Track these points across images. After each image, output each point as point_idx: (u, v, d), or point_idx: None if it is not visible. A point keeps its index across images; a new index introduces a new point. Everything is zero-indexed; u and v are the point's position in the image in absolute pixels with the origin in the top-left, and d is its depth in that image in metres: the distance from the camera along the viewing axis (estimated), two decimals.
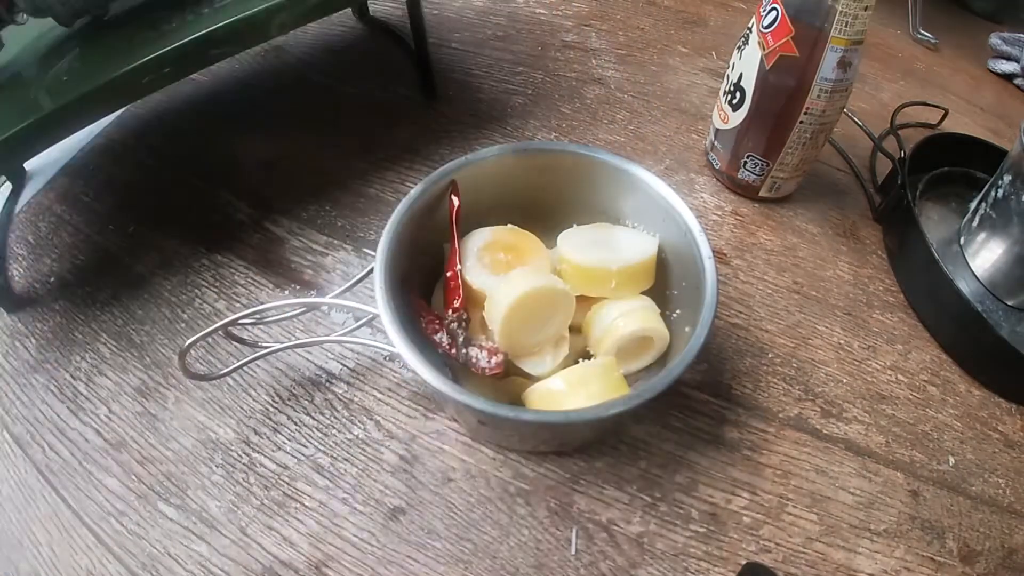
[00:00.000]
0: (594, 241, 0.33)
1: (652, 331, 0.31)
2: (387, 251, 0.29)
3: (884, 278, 0.41)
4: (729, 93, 0.41)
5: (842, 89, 0.37)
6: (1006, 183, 0.39)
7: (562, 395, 0.28)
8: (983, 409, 0.36)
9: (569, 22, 0.58)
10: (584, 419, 0.26)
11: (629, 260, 0.32)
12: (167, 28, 0.34)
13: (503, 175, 0.34)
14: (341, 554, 0.28)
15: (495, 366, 0.29)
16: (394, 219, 0.31)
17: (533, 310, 0.29)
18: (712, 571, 0.29)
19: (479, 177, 0.34)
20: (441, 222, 0.33)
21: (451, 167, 0.33)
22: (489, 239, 0.33)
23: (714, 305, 0.28)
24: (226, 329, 0.29)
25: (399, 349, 0.26)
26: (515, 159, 0.34)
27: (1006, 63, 0.62)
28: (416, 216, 0.32)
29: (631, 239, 0.33)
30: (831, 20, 0.35)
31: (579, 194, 0.35)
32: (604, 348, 0.31)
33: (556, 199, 0.35)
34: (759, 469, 0.32)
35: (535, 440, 0.32)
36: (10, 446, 0.31)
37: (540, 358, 0.31)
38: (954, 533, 0.31)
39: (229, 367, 0.32)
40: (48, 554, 0.28)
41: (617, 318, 0.31)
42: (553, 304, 0.30)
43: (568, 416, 0.26)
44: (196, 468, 0.30)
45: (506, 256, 0.33)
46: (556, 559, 0.29)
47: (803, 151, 0.40)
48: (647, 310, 0.32)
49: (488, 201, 0.34)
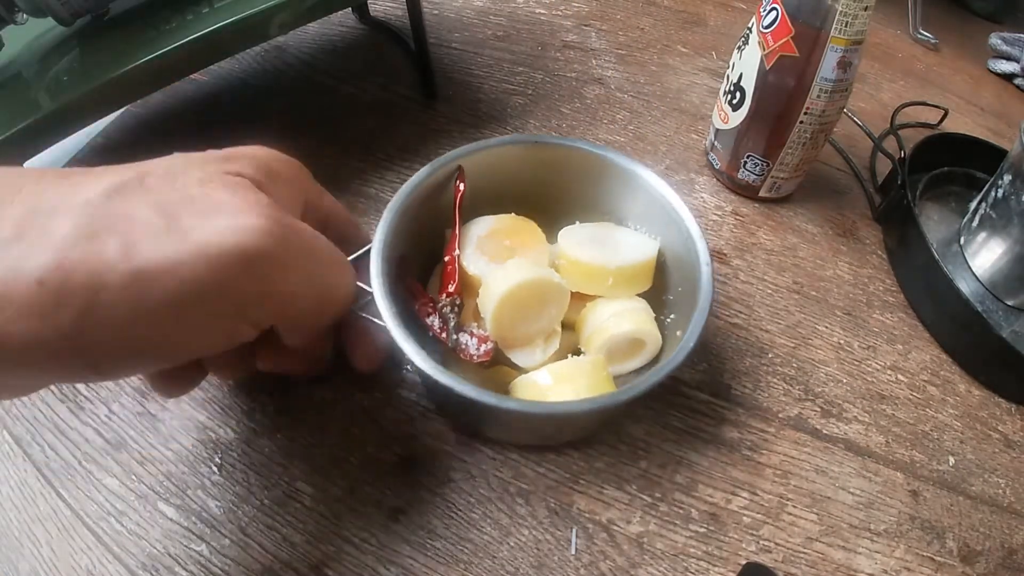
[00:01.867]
0: (594, 239, 0.33)
1: (644, 333, 0.31)
2: (387, 230, 0.29)
3: (884, 278, 0.41)
4: (729, 93, 0.41)
5: (842, 89, 0.37)
6: (1006, 183, 0.39)
7: (548, 389, 0.28)
8: (983, 409, 0.36)
9: (569, 22, 0.58)
10: (566, 412, 0.26)
11: (628, 260, 0.32)
12: (167, 28, 0.34)
13: (510, 166, 0.34)
14: (341, 554, 0.28)
15: (484, 354, 0.29)
16: (397, 199, 0.30)
17: (526, 301, 0.29)
18: (712, 571, 0.29)
19: (485, 166, 0.33)
20: (444, 208, 0.33)
21: (459, 153, 0.33)
22: (492, 227, 0.33)
23: (707, 309, 0.28)
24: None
25: (388, 325, 0.26)
26: (523, 150, 0.34)
27: (1006, 63, 0.62)
28: (420, 199, 0.31)
29: (632, 240, 0.33)
30: (831, 20, 0.35)
31: (584, 191, 0.35)
32: (595, 346, 0.31)
33: (560, 194, 0.35)
34: (759, 469, 0.32)
35: (520, 432, 0.31)
36: (10, 446, 0.31)
37: (530, 350, 0.31)
38: (954, 533, 0.31)
39: None
40: (48, 554, 0.28)
41: (610, 317, 0.31)
42: (547, 297, 0.30)
43: (551, 408, 0.26)
44: (196, 468, 0.30)
45: (507, 244, 0.32)
46: (556, 559, 0.29)
47: (803, 151, 0.40)
48: (641, 312, 0.32)
49: (492, 191, 0.34)
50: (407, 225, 0.30)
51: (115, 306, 0.18)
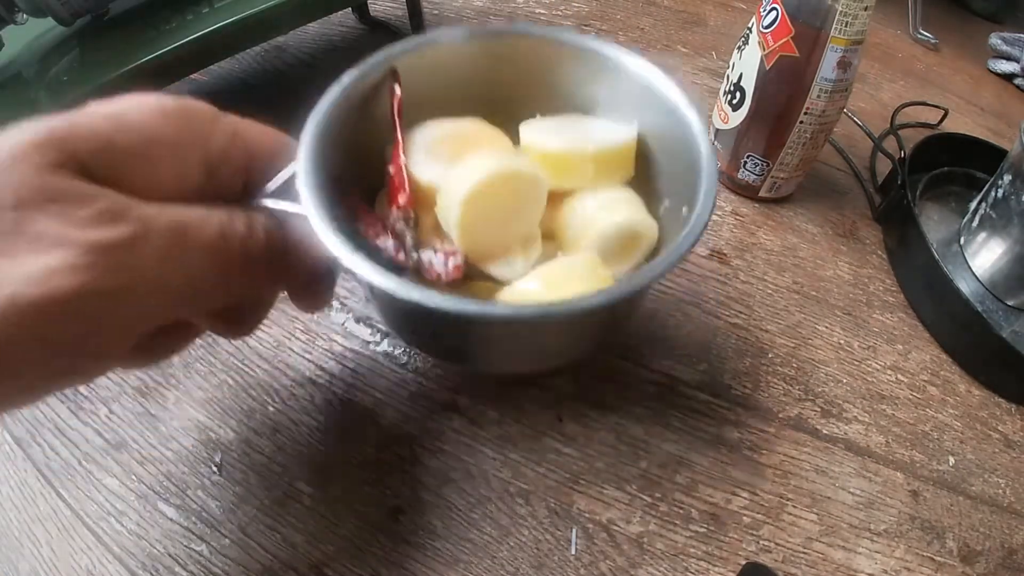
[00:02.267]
0: (562, 129, 0.29)
1: (640, 223, 0.27)
2: (313, 142, 0.24)
3: (884, 278, 0.41)
4: (729, 93, 0.41)
5: (842, 89, 0.37)
6: (1006, 183, 0.39)
7: (538, 297, 0.24)
8: (983, 409, 0.36)
9: (569, 22, 0.58)
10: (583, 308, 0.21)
11: (607, 144, 0.27)
12: (167, 28, 0.34)
13: (454, 65, 0.29)
14: (341, 554, 0.28)
15: (454, 269, 0.24)
16: (322, 106, 0.25)
17: (497, 200, 0.25)
18: (712, 571, 0.29)
19: (425, 68, 0.28)
20: (383, 122, 0.28)
21: (392, 52, 0.28)
22: (446, 131, 0.28)
23: (715, 175, 0.24)
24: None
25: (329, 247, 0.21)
26: (467, 46, 0.29)
27: (1006, 63, 0.62)
28: (352, 108, 0.26)
29: (604, 126, 0.29)
30: (831, 20, 0.35)
31: (542, 85, 0.30)
32: (584, 246, 0.26)
33: (515, 93, 0.30)
34: (759, 469, 0.32)
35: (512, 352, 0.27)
36: (10, 446, 0.31)
37: (508, 260, 0.26)
38: (954, 533, 0.31)
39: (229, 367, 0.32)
40: (48, 554, 0.28)
41: (597, 211, 0.26)
42: (521, 192, 0.25)
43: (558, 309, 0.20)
44: (196, 468, 0.30)
45: (464, 148, 0.27)
46: (556, 559, 0.29)
47: (803, 151, 0.40)
48: (631, 201, 0.27)
49: (438, 96, 0.29)
50: (339, 142, 0.25)
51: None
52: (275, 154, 0.24)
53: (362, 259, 0.21)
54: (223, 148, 0.23)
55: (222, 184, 0.23)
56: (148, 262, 0.19)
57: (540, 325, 0.23)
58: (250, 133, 0.24)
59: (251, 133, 0.24)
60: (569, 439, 0.32)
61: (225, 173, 0.23)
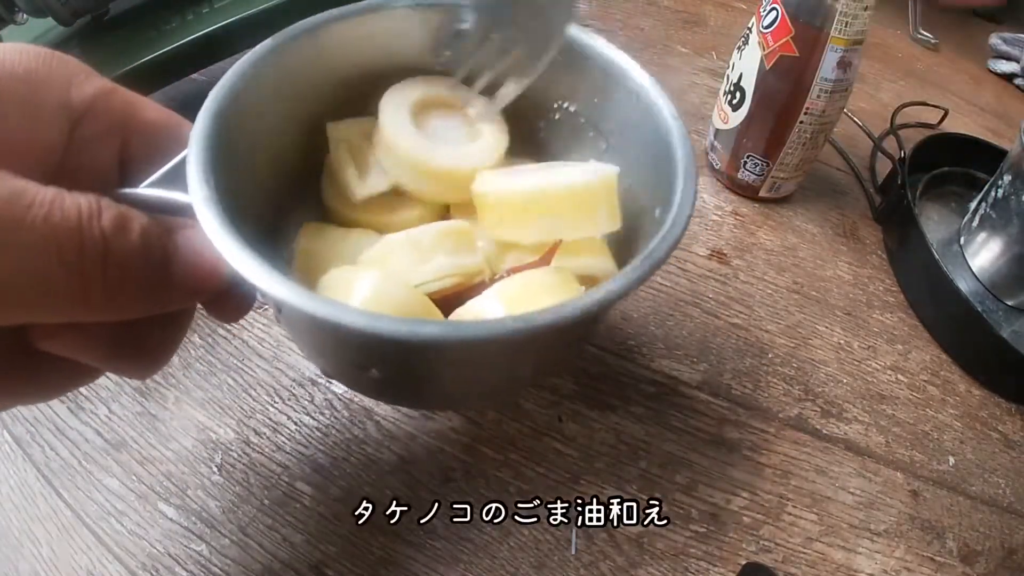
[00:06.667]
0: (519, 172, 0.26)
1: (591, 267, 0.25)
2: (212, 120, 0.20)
3: (884, 278, 0.41)
4: (729, 93, 0.41)
5: (842, 89, 0.37)
6: (1006, 183, 0.39)
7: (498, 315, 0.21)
8: (983, 409, 0.36)
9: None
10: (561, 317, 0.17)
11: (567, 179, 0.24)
12: (167, 28, 0.34)
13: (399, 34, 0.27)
14: (341, 554, 0.28)
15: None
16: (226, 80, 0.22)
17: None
18: (712, 571, 0.29)
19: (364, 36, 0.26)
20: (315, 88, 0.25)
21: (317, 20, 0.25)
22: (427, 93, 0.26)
23: (694, 173, 0.21)
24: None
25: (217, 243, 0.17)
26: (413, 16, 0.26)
27: (1006, 63, 0.62)
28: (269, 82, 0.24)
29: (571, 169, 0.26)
30: (831, 20, 0.35)
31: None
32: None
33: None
34: (759, 469, 0.32)
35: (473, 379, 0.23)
36: (10, 446, 0.31)
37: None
38: (954, 533, 0.31)
39: (229, 366, 0.32)
40: (48, 554, 0.28)
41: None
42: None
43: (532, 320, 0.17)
44: (196, 468, 0.30)
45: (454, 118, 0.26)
46: (556, 559, 0.29)
47: (803, 151, 0.40)
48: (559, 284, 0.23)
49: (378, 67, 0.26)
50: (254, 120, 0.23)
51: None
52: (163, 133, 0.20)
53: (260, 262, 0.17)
54: (90, 98, 0.18)
55: (89, 155, 0.19)
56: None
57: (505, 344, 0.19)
58: (131, 98, 0.20)
59: (132, 99, 0.20)
60: (569, 439, 0.32)
61: (91, 136, 0.18)
